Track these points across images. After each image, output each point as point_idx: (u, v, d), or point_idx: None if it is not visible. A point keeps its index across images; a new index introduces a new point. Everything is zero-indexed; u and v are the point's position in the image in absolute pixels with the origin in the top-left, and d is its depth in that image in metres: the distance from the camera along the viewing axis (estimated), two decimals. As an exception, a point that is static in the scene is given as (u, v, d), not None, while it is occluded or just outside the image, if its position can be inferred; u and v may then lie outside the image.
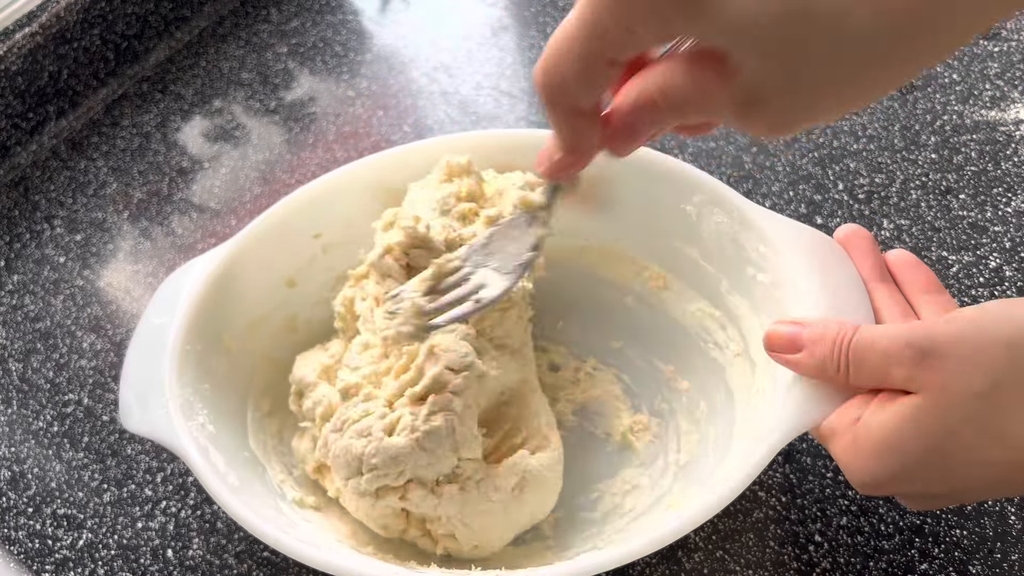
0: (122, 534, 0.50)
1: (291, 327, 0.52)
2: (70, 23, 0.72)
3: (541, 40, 0.75)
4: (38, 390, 0.58)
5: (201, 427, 0.43)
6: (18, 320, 0.62)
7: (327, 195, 0.51)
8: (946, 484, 0.36)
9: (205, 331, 0.47)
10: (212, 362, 0.47)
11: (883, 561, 0.44)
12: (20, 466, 0.54)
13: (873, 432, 0.36)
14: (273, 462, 0.48)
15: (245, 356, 0.49)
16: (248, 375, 0.50)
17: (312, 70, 0.76)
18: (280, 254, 0.51)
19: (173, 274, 0.49)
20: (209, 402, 0.45)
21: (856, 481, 0.38)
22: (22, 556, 0.50)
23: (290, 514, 0.44)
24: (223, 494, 0.40)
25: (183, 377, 0.44)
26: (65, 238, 0.67)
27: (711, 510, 0.37)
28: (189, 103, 0.75)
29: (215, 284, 0.48)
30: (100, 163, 0.72)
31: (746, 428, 0.44)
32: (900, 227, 0.57)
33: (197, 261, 0.49)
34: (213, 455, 0.42)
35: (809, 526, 0.46)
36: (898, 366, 0.35)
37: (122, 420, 0.44)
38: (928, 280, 0.42)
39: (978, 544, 0.44)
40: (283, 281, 0.52)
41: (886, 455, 0.35)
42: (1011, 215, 0.57)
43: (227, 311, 0.48)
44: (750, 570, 0.45)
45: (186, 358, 0.45)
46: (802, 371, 0.39)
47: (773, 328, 0.40)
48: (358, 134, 0.70)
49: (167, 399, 0.43)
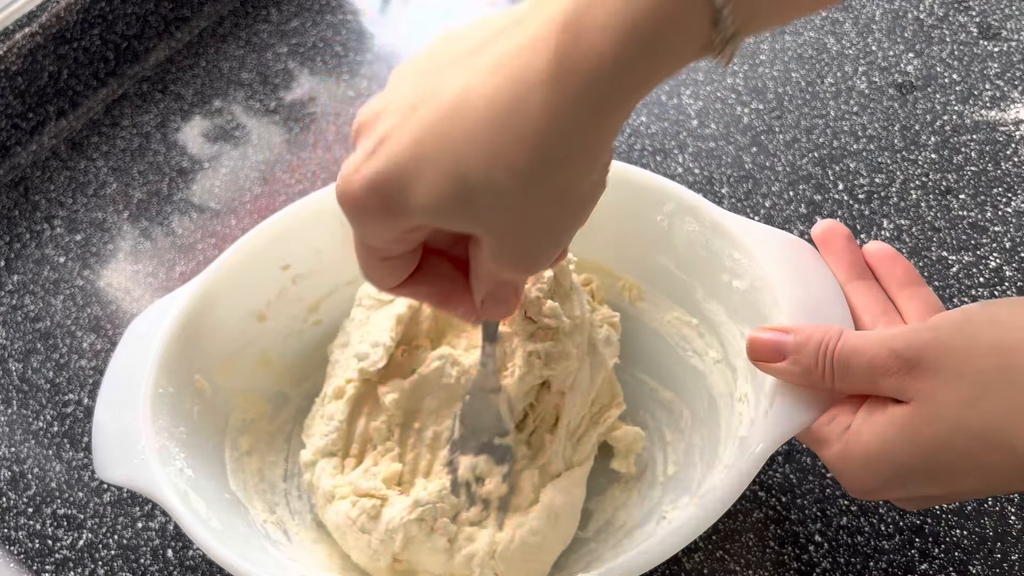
0: (122, 534, 0.50)
1: (265, 361, 0.51)
2: (70, 23, 0.72)
3: (541, 40, 0.75)
4: (38, 390, 0.58)
5: (179, 472, 0.42)
6: (18, 320, 0.62)
7: (294, 225, 0.50)
8: (941, 488, 0.36)
9: (177, 372, 0.46)
10: (186, 404, 0.46)
11: (883, 561, 0.44)
12: (20, 466, 0.54)
13: (864, 440, 0.36)
14: (255, 501, 0.47)
15: (220, 395, 0.48)
16: (224, 414, 0.49)
17: (312, 70, 0.76)
18: (249, 288, 0.50)
19: (138, 317, 0.48)
20: (186, 446, 0.44)
21: (849, 488, 0.38)
22: (22, 556, 0.50)
23: (277, 555, 0.44)
24: (207, 540, 0.39)
25: (157, 422, 0.43)
26: (65, 238, 0.67)
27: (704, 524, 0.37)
28: (189, 103, 0.75)
29: (184, 324, 0.47)
30: (100, 163, 0.72)
31: (731, 434, 0.43)
32: (900, 227, 0.57)
33: (163, 301, 0.48)
34: (193, 500, 0.41)
35: (809, 526, 0.46)
36: (885, 376, 0.35)
37: (98, 471, 0.43)
38: (907, 273, 0.42)
39: (978, 544, 0.44)
40: (253, 316, 0.50)
41: (879, 464, 0.35)
42: (1011, 215, 0.57)
43: (198, 350, 0.47)
44: (750, 570, 0.45)
45: (160, 402, 0.44)
46: (786, 379, 0.39)
47: (755, 335, 0.40)
48: (358, 134, 0.70)
49: (143, 446, 0.42)
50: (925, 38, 0.68)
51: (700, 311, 0.49)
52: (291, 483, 0.50)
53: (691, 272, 0.48)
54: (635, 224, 0.49)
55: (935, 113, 0.63)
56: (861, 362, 0.36)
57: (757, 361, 0.40)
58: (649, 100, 0.68)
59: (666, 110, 0.67)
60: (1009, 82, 0.64)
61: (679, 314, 0.50)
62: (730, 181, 0.62)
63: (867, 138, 0.63)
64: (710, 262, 0.47)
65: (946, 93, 0.64)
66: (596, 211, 0.50)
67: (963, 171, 0.60)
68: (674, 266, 0.49)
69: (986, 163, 0.60)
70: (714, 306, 0.47)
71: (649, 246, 0.49)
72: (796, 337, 0.38)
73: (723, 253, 0.46)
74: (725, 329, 0.47)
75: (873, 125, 0.63)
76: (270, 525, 0.46)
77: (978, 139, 0.61)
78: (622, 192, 0.49)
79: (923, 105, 0.64)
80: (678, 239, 0.48)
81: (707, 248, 0.47)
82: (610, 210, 0.49)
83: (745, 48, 0.70)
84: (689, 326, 0.50)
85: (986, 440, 0.33)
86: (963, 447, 0.33)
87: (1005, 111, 0.62)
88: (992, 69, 0.65)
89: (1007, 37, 0.67)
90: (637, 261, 0.51)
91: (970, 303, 0.53)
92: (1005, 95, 0.63)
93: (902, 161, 0.61)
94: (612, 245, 0.51)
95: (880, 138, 0.62)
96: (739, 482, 0.37)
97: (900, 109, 0.64)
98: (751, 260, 0.44)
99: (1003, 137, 0.61)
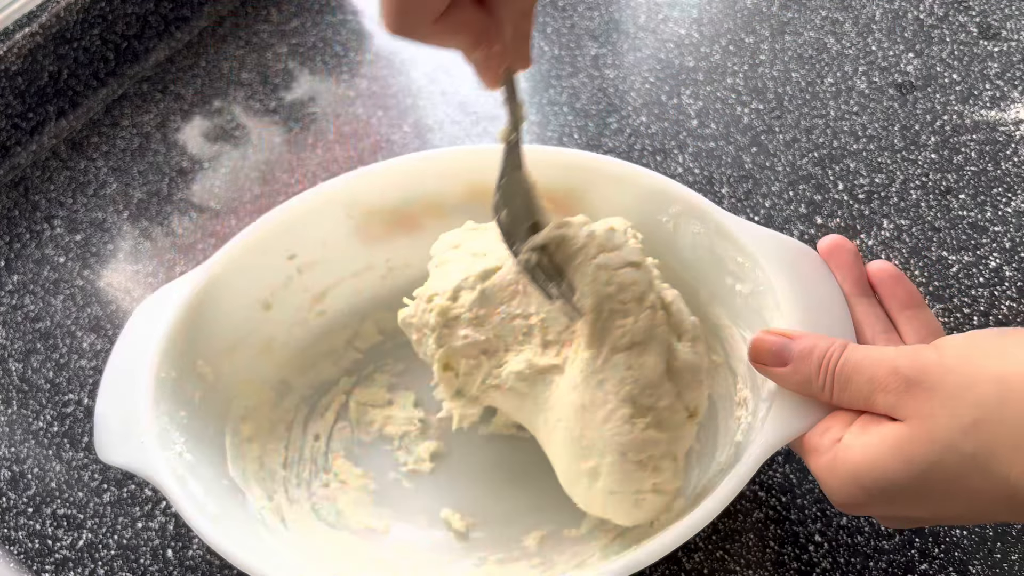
0: (122, 534, 0.51)
1: (268, 350, 0.52)
2: (70, 23, 0.72)
3: (541, 40, 0.75)
4: (38, 390, 0.58)
5: (179, 456, 0.43)
6: (18, 320, 0.62)
7: (301, 215, 0.51)
8: (925, 510, 0.36)
9: (180, 358, 0.46)
10: (188, 389, 0.46)
11: (883, 561, 0.44)
12: (20, 466, 0.54)
13: (854, 455, 0.36)
14: (254, 488, 0.47)
15: (222, 381, 0.49)
16: (226, 401, 0.49)
17: (312, 70, 0.76)
18: (255, 277, 0.50)
19: (144, 301, 0.48)
20: (186, 430, 0.44)
21: (835, 501, 0.37)
22: (22, 556, 0.50)
23: (271, 542, 0.44)
24: (202, 524, 0.39)
25: (159, 406, 0.44)
26: (65, 238, 0.67)
27: (697, 526, 0.37)
28: (189, 103, 0.75)
29: (189, 310, 0.47)
30: (100, 163, 0.72)
31: (728, 439, 0.43)
32: (900, 227, 0.57)
33: (169, 287, 0.48)
34: (191, 484, 0.42)
35: (809, 526, 0.46)
36: (883, 392, 0.35)
37: (98, 452, 0.43)
38: (909, 295, 0.42)
39: (978, 544, 0.44)
40: (259, 304, 0.51)
41: (866, 479, 0.35)
42: (1011, 215, 0.57)
43: (202, 336, 0.48)
44: (750, 570, 0.45)
45: (161, 386, 0.44)
46: (786, 385, 0.39)
47: (760, 337, 0.39)
48: (358, 134, 0.70)
49: (143, 429, 0.42)
50: (925, 38, 0.68)
51: (703, 313, 0.48)
52: (290, 471, 0.50)
53: (695, 274, 0.48)
54: (640, 224, 0.49)
55: (935, 113, 0.63)
56: (862, 378, 0.36)
57: (758, 363, 0.40)
58: (649, 100, 0.68)
59: (666, 110, 0.67)
60: (1009, 82, 0.64)
61: None
62: (730, 181, 0.62)
63: (867, 138, 0.63)
64: (714, 265, 0.47)
65: (946, 93, 0.64)
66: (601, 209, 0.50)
67: (963, 171, 0.60)
68: (678, 268, 0.49)
69: (986, 163, 0.60)
70: (717, 309, 0.47)
71: (653, 247, 0.49)
72: (800, 345, 0.38)
73: (727, 256, 0.46)
74: (727, 332, 0.47)
75: (873, 125, 0.63)
76: (267, 512, 0.46)
77: (978, 139, 0.61)
78: (628, 192, 0.49)
79: (923, 105, 0.64)
80: (683, 241, 0.48)
81: (711, 251, 0.47)
82: (615, 210, 0.50)
83: (745, 48, 0.70)
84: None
85: (977, 466, 0.33)
86: (953, 470, 0.33)
87: (1005, 111, 0.62)
88: (992, 69, 0.65)
89: (1007, 37, 0.67)
90: None
91: (970, 303, 0.53)
92: (1005, 95, 0.63)
93: (902, 161, 0.61)
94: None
95: (880, 138, 0.62)
96: (733, 486, 0.37)
97: (900, 109, 0.64)
98: (755, 264, 0.44)
99: (1003, 137, 0.61)
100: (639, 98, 0.69)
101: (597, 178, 0.50)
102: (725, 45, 0.71)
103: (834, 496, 0.37)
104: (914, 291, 0.42)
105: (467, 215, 0.51)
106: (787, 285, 0.43)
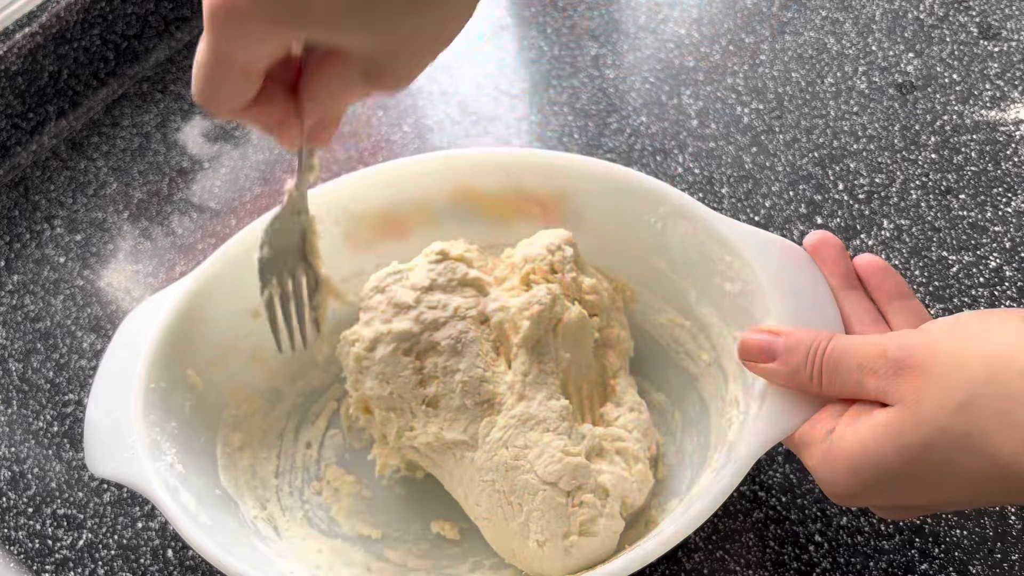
0: (122, 534, 0.51)
1: (258, 358, 0.51)
2: (70, 23, 0.72)
3: (541, 40, 0.75)
4: (38, 390, 0.58)
5: (170, 467, 0.42)
6: (18, 320, 0.62)
7: None
8: (921, 496, 0.36)
9: (170, 367, 0.46)
10: (178, 399, 0.46)
11: (883, 561, 0.44)
12: (20, 466, 0.54)
13: (847, 444, 0.36)
14: (246, 497, 0.47)
15: (212, 390, 0.48)
16: (216, 410, 0.49)
17: (312, 70, 0.76)
18: (243, 284, 0.49)
19: (133, 312, 0.48)
20: (177, 440, 0.44)
21: (831, 493, 0.37)
22: (22, 556, 0.50)
23: (265, 551, 0.44)
24: (195, 535, 0.39)
25: (149, 416, 0.43)
26: (65, 238, 0.67)
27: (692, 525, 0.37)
28: (189, 103, 0.75)
29: (178, 319, 0.47)
30: (100, 163, 0.72)
31: (721, 438, 0.43)
32: (900, 227, 0.57)
33: (157, 296, 0.48)
34: (183, 495, 0.41)
35: (809, 526, 0.46)
36: (873, 376, 0.35)
37: (88, 465, 0.43)
38: (897, 286, 0.42)
39: (978, 544, 0.44)
40: (247, 312, 0.50)
41: (861, 467, 0.35)
42: (1011, 215, 0.57)
43: (192, 346, 0.48)
44: (750, 570, 0.45)
45: (151, 397, 0.44)
46: (775, 380, 0.39)
47: (747, 336, 0.40)
48: (358, 134, 0.70)
49: (133, 440, 0.42)
50: (925, 38, 0.68)
51: (693, 314, 0.49)
52: (283, 479, 0.50)
53: (684, 274, 0.48)
54: (629, 226, 0.49)
55: (935, 113, 0.63)
56: (850, 363, 0.36)
57: (747, 361, 0.40)
58: (649, 100, 0.68)
59: (666, 110, 0.67)
60: (1009, 82, 0.64)
61: (672, 316, 0.50)
62: (730, 181, 0.62)
63: (867, 138, 0.63)
64: (703, 265, 0.47)
65: (946, 93, 0.64)
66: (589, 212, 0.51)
67: (963, 171, 0.60)
68: (667, 268, 0.49)
69: (986, 163, 0.60)
70: (706, 309, 0.47)
71: (642, 248, 0.49)
72: (787, 339, 0.38)
73: (716, 256, 0.46)
74: (717, 332, 0.47)
75: (873, 125, 0.63)
76: (260, 521, 0.46)
77: (978, 139, 0.61)
78: (616, 194, 0.49)
79: (923, 105, 0.64)
80: (671, 241, 0.48)
81: (700, 251, 0.47)
82: (604, 211, 0.50)
83: (745, 48, 0.70)
84: (682, 328, 0.50)
85: (969, 447, 0.33)
86: (946, 453, 0.33)
87: (1005, 111, 0.62)
88: (992, 69, 0.65)
89: (1007, 37, 0.67)
90: (630, 263, 0.51)
91: (970, 303, 0.53)
92: (1005, 95, 0.63)
93: (902, 161, 0.61)
94: (605, 247, 0.51)
95: (880, 138, 0.62)
96: (727, 486, 0.37)
97: (900, 109, 0.64)
98: (743, 263, 0.44)
99: (1003, 137, 0.61)
100: (639, 98, 0.69)
101: (584, 180, 0.50)
102: (725, 45, 0.71)
103: (829, 488, 0.37)
104: (901, 282, 0.42)
105: (456, 219, 0.51)
106: (775, 283, 0.43)
